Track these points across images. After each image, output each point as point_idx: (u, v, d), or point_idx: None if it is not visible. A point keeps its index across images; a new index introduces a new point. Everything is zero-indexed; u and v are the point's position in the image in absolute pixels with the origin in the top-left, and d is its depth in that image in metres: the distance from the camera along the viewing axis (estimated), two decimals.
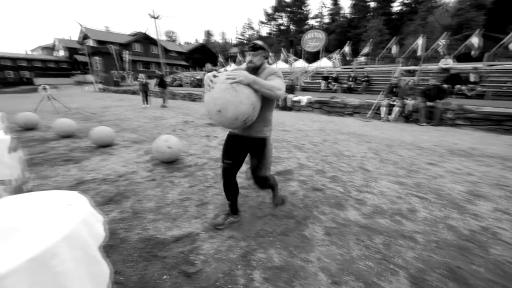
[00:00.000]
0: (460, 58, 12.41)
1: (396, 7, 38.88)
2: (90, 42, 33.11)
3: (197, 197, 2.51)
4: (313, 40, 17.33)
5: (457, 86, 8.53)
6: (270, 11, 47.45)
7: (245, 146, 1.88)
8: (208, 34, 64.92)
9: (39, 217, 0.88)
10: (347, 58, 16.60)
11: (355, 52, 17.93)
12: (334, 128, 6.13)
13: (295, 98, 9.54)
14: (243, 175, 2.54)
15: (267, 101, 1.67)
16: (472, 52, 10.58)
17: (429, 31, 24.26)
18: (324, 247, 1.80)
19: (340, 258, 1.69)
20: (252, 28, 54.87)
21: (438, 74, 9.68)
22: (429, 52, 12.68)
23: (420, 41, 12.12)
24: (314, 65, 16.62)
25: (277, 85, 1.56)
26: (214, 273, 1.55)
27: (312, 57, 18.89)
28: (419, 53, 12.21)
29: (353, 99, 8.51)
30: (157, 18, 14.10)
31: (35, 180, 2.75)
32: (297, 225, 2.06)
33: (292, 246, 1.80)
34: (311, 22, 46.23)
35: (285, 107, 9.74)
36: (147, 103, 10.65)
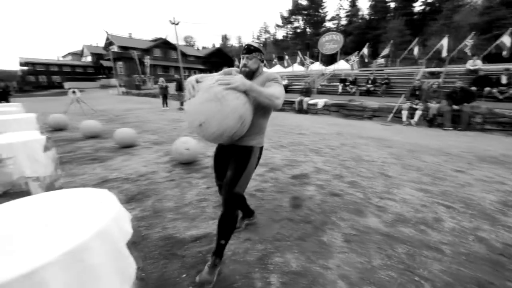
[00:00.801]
0: (489, 59, 11.67)
1: (418, 6, 37.45)
2: (115, 48, 34.96)
3: (214, 198, 2.54)
4: (330, 42, 17.09)
5: (487, 89, 8.00)
6: (286, 14, 47.54)
7: (231, 155, 1.61)
8: (225, 38, 66.18)
9: (73, 213, 0.94)
10: (366, 60, 16.18)
11: (374, 54, 17.46)
12: (352, 132, 5.97)
13: (312, 101, 9.44)
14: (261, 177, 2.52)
15: (264, 107, 1.48)
16: (504, 52, 9.88)
17: (454, 31, 23.07)
18: (343, 254, 1.75)
19: (360, 266, 1.63)
20: (268, 32, 55.22)
21: (465, 76, 9.15)
22: (454, 53, 12.03)
23: (444, 42, 11.55)
24: (331, 68, 16.37)
25: (276, 93, 1.39)
26: (232, 275, 1.56)
27: (329, 59, 18.63)
28: (443, 54, 11.63)
29: (372, 102, 8.26)
30: (177, 24, 14.63)
31: (64, 178, 2.93)
32: (315, 230, 2.02)
33: (310, 252, 1.77)
34: (328, 24, 45.70)
35: (301, 110, 9.66)
36: (166, 106, 11.03)
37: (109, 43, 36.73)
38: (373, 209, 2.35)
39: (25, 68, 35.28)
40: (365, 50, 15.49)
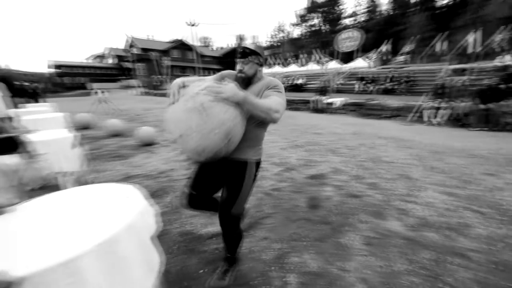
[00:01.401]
0: None
1: (441, 0, 35.51)
2: (135, 50, 36.34)
3: None
4: (348, 40, 16.69)
5: None
6: (302, 12, 46.94)
7: (222, 171, 1.41)
8: (240, 38, 66.57)
9: (103, 207, 0.99)
10: (385, 58, 15.63)
11: (394, 51, 16.78)
12: (371, 132, 5.80)
13: (328, 100, 9.27)
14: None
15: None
16: None
17: (483, 26, 21.63)
18: (362, 257, 1.71)
19: (380, 270, 1.59)
20: (282, 31, 54.82)
21: (494, 73, 8.57)
22: (482, 48, 11.30)
23: (472, 37, 10.88)
24: (348, 66, 15.97)
25: (275, 106, 1.19)
26: (249, 272, 1.58)
27: (346, 57, 18.17)
28: (470, 50, 10.96)
29: (392, 101, 7.97)
30: (193, 25, 14.94)
31: (91, 173, 3.10)
32: (333, 232, 1.99)
33: (328, 253, 1.75)
34: (345, 21, 44.52)
35: (317, 110, 9.52)
36: None
37: (130, 45, 38.25)
38: (394, 212, 2.28)
39: (52, 70, 37.61)
40: (384, 47, 14.96)
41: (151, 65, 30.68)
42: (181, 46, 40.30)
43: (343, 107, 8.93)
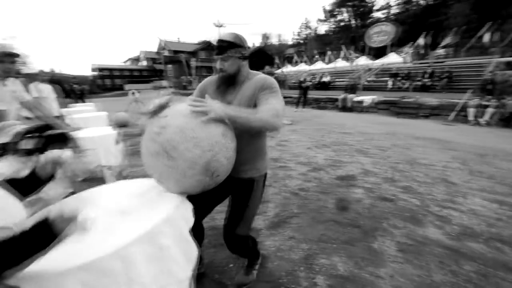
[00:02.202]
0: None
1: None
2: (166, 52, 38.32)
3: None
4: (379, 34, 15.75)
5: None
6: (329, 7, 45.34)
7: (223, 188, 1.19)
8: (265, 37, 66.50)
9: (146, 200, 1.06)
10: (422, 52, 14.44)
11: (432, 44, 15.40)
12: (405, 132, 5.42)
13: (357, 99, 8.86)
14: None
15: None
16: None
17: None
18: (397, 264, 1.62)
19: (418, 280, 1.49)
20: (309, 27, 53.52)
21: None
22: None
23: None
24: (380, 62, 15.07)
25: (273, 111, 1.03)
26: (277, 270, 1.59)
27: (377, 53, 17.13)
28: None
29: (430, 99, 7.36)
30: (221, 26, 15.32)
31: (130, 168, 3.35)
32: (364, 235, 1.91)
33: (359, 257, 1.68)
34: (377, 14, 41.97)
35: (345, 108, 9.15)
36: None
37: (161, 48, 40.44)
38: (432, 219, 2.11)
39: (95, 73, 41.23)
40: (421, 40, 13.83)
41: (180, 66, 32.08)
42: (208, 47, 41.50)
43: (373, 106, 8.47)
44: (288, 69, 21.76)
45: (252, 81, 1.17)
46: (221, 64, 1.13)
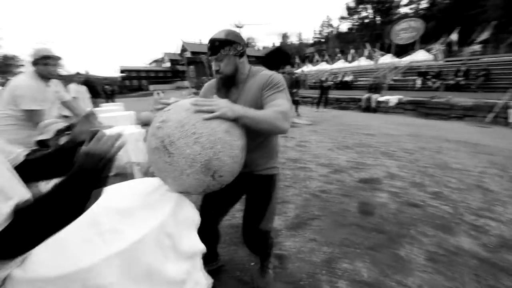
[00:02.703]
0: None
1: None
2: (187, 54, 39.50)
3: (279, 195, 2.60)
4: (406, 30, 14.93)
5: None
6: (352, 4, 43.85)
7: (241, 187, 1.22)
8: (284, 36, 65.98)
9: (147, 202, 0.95)
10: (454, 48, 13.43)
11: (466, 41, 14.27)
12: (435, 134, 5.09)
13: (382, 98, 8.48)
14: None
15: None
16: None
17: None
18: (426, 274, 1.53)
19: None
20: (330, 25, 52.21)
21: None
22: None
23: None
24: (407, 60, 14.30)
25: (279, 112, 0.96)
26: (298, 272, 1.57)
27: (402, 50, 16.22)
28: None
29: (463, 99, 6.85)
30: (241, 27, 15.46)
31: None
32: (390, 242, 1.83)
33: (384, 264, 1.62)
34: (403, 10, 39.79)
35: (368, 109, 8.81)
36: None
37: (183, 50, 41.77)
38: (467, 228, 1.97)
39: (122, 74, 43.63)
40: (454, 36, 12.87)
41: (201, 67, 32.88)
42: None
43: (399, 106, 8.05)
44: (308, 68, 21.41)
45: (255, 78, 1.10)
46: (217, 65, 1.08)
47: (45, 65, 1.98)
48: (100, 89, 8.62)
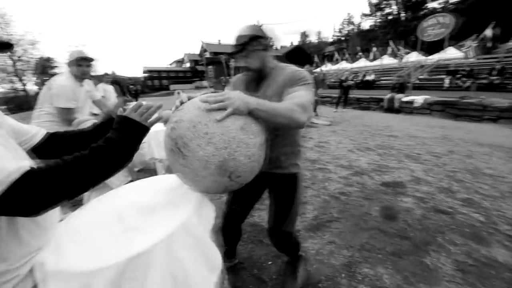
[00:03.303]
0: None
1: None
2: (207, 54, 40.31)
3: None
4: (435, 26, 14.05)
5: None
6: (376, 0, 42.15)
7: (264, 186, 1.28)
8: (304, 35, 65.00)
9: (168, 200, 0.94)
10: (489, 45, 12.43)
11: (502, 37, 13.12)
12: (465, 137, 4.77)
13: (406, 99, 8.08)
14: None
15: None
16: None
17: None
18: (455, 284, 1.45)
19: None
20: (352, 23, 50.57)
21: None
22: None
23: None
24: (435, 58, 13.49)
25: (297, 104, 0.90)
26: (316, 274, 1.56)
27: (431, 48, 15.26)
28: None
29: (499, 99, 6.33)
30: (260, 27, 15.44)
31: None
32: (414, 249, 1.75)
33: (408, 272, 1.55)
34: (432, 5, 37.48)
35: (391, 109, 8.43)
36: None
37: (203, 50, 42.68)
38: (501, 238, 1.83)
39: (146, 74, 45.52)
40: (488, 32, 11.90)
41: (220, 67, 33.40)
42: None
43: (425, 107, 7.62)
44: (327, 67, 20.94)
45: (280, 72, 1.08)
46: (244, 61, 1.07)
47: (79, 66, 2.13)
48: (126, 89, 9.08)
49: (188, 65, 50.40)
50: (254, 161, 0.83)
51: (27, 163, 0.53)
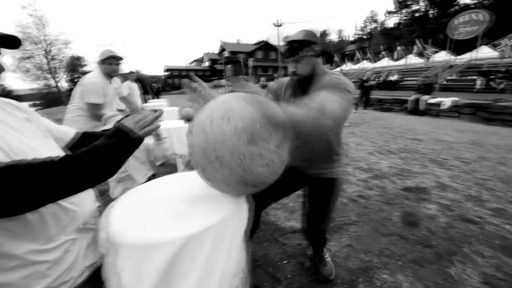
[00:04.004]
0: None
1: None
2: (226, 54, 40.82)
3: None
4: (467, 24, 13.15)
5: None
6: None
7: (299, 184, 1.31)
8: (324, 34, 63.59)
9: (209, 194, 0.97)
10: None
11: None
12: (498, 143, 4.43)
13: (433, 100, 7.66)
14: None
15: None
16: None
17: None
18: None
19: None
20: (375, 21, 48.68)
21: None
22: None
23: None
24: (466, 57, 12.65)
25: (316, 108, 0.82)
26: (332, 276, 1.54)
27: (461, 47, 14.26)
28: None
29: None
30: (280, 26, 15.39)
31: None
32: (437, 258, 1.67)
33: (430, 281, 1.49)
34: (464, 1, 35.02)
35: (415, 111, 8.03)
36: None
37: (222, 49, 43.28)
38: None
39: (167, 73, 47.04)
40: None
41: (238, 66, 33.73)
42: (264, 47, 42.36)
43: (453, 109, 7.17)
44: (348, 67, 20.37)
45: (325, 78, 1.04)
46: (294, 66, 1.06)
47: (109, 64, 2.25)
48: (148, 87, 9.45)
49: (207, 64, 51.36)
50: (273, 166, 0.81)
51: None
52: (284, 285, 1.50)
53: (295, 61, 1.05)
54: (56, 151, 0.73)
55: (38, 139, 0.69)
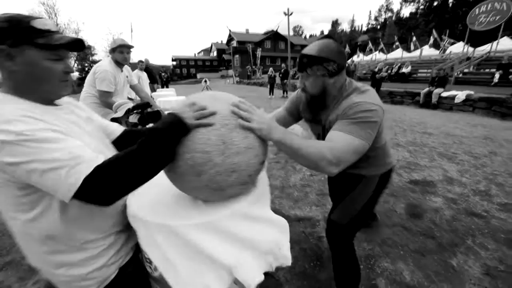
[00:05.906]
0: None
1: None
2: (234, 43, 40.30)
3: (317, 187, 2.59)
4: (489, 13, 12.46)
5: None
6: None
7: (341, 184, 1.26)
8: (335, 23, 61.59)
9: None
10: None
11: None
12: (511, 139, 4.30)
13: (446, 94, 7.41)
14: None
15: None
16: None
17: None
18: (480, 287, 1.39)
19: None
20: (390, 10, 46.73)
21: None
22: None
23: None
24: (485, 49, 12.07)
25: (327, 151, 0.78)
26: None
27: (479, 38, 13.56)
28: None
29: None
30: (290, 14, 15.01)
31: None
32: (439, 248, 1.69)
33: (430, 270, 1.52)
34: None
35: (427, 104, 7.81)
36: (272, 95, 11.84)
37: (230, 39, 42.71)
38: None
39: (174, 63, 47.02)
40: None
41: (246, 57, 33.32)
42: (273, 36, 41.50)
43: (467, 103, 6.93)
44: (359, 58, 19.81)
45: (346, 99, 0.93)
46: (302, 82, 0.98)
47: (120, 53, 2.29)
48: (158, 76, 9.53)
49: (215, 54, 50.95)
50: (255, 164, 0.76)
51: (101, 157, 0.59)
52: (287, 270, 1.56)
53: (303, 77, 0.96)
54: (110, 149, 0.81)
55: (98, 139, 0.77)
